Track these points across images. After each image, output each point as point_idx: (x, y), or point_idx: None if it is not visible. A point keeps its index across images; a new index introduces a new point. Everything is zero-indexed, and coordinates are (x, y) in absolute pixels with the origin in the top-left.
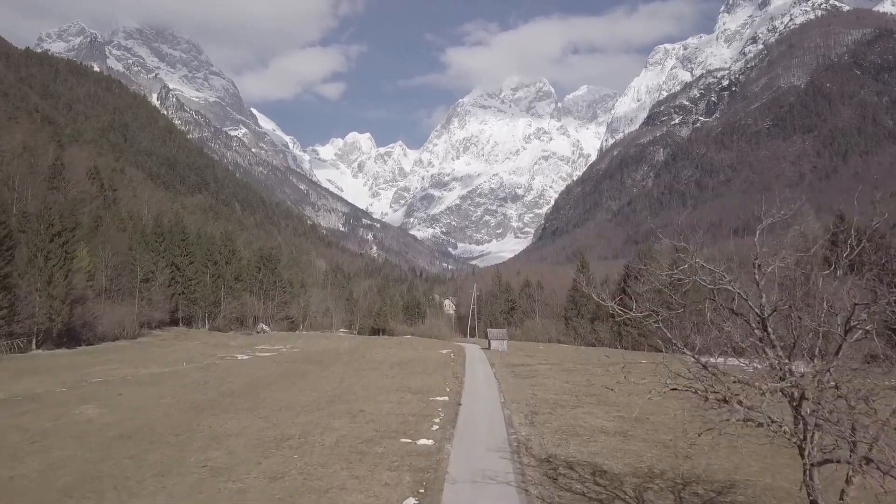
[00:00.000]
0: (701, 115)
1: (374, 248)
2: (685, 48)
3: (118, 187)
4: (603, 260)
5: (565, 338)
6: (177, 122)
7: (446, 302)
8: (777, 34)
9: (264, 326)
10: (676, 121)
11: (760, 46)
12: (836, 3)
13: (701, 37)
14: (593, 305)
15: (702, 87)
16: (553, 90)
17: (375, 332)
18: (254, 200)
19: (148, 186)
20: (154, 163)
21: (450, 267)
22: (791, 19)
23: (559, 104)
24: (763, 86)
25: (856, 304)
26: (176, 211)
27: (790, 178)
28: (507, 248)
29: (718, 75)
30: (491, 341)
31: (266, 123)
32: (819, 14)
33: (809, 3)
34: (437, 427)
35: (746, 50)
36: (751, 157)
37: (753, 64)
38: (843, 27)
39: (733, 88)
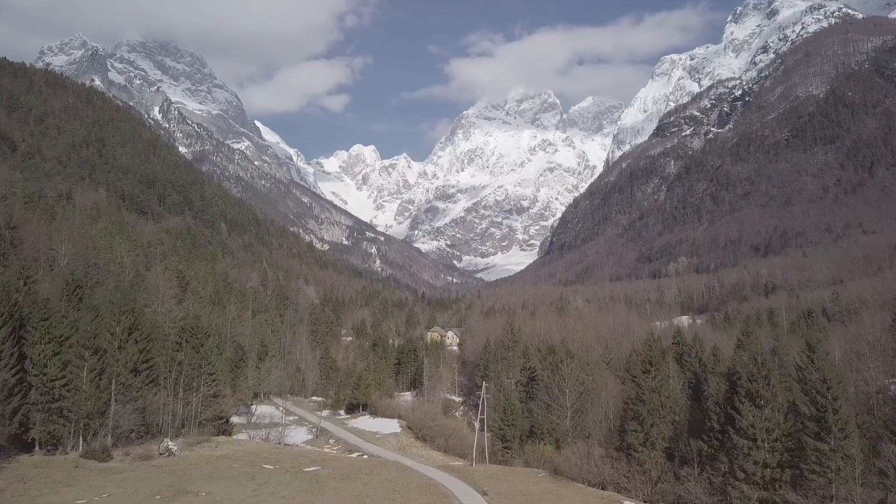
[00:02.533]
0: (713, 126)
1: (378, 261)
2: (692, 58)
3: (37, 220)
4: (617, 281)
5: (627, 481)
6: (178, 135)
7: (449, 334)
8: (789, 43)
9: (171, 445)
10: (687, 132)
11: (772, 55)
12: (850, 11)
13: (708, 47)
14: (669, 425)
15: (713, 97)
16: (558, 101)
17: (354, 408)
18: (244, 219)
19: (103, 213)
20: (129, 182)
21: (455, 280)
22: (803, 28)
23: (564, 115)
24: (779, 95)
25: None
26: (111, 250)
27: (813, 193)
28: (513, 260)
29: (730, 85)
30: None
31: (270, 136)
32: (832, 22)
33: (821, 11)
34: None
35: (758, 59)
36: (769, 170)
37: (767, 73)
38: (862, 34)
39: (747, 98)
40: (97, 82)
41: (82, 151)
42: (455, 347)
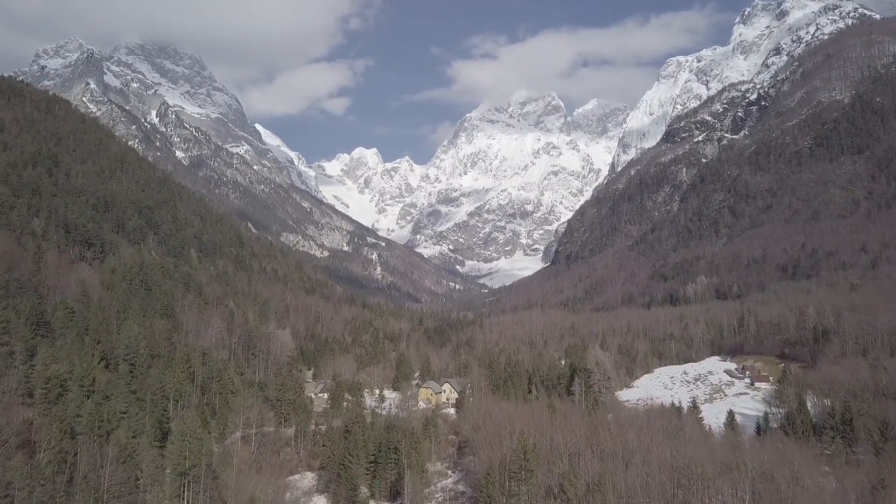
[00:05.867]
0: (727, 132)
1: (379, 268)
2: (699, 60)
3: None
4: (630, 303)
5: None
6: (176, 139)
7: (446, 387)
8: (803, 45)
9: None
10: (700, 138)
11: (786, 58)
12: (866, 11)
13: (715, 49)
14: None
15: (725, 101)
16: (562, 104)
17: None
18: (224, 239)
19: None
20: (79, 207)
21: (457, 287)
22: (818, 29)
23: (568, 118)
24: (799, 100)
25: None
26: None
27: (842, 206)
28: (517, 266)
29: (742, 88)
30: None
31: (271, 139)
32: (849, 23)
33: (837, 12)
34: None
35: (770, 61)
36: (792, 181)
37: (784, 76)
38: (886, 36)
39: (763, 103)
40: (92, 85)
41: (25, 172)
42: (451, 410)
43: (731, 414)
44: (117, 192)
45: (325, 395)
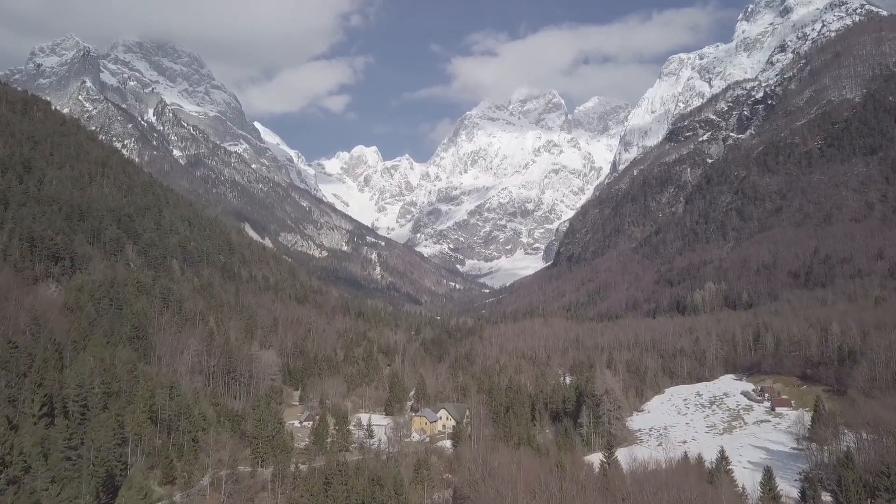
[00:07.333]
0: (732, 132)
1: (378, 268)
2: (701, 58)
3: None
4: (635, 309)
5: None
6: (173, 137)
7: (441, 414)
8: (809, 42)
9: None
10: (704, 137)
11: (791, 55)
12: (873, 7)
13: (718, 46)
14: None
15: (729, 99)
16: (563, 102)
17: None
18: (213, 246)
19: None
20: (50, 217)
21: (457, 286)
22: (824, 26)
23: (569, 116)
24: (808, 99)
25: None
26: None
27: (855, 210)
28: (518, 265)
29: (747, 87)
30: None
31: (270, 138)
32: (857, 20)
33: (843, 8)
34: None
35: (774, 59)
36: (802, 182)
37: (791, 74)
38: None
39: (769, 102)
40: (88, 84)
41: None
42: (447, 442)
43: (768, 472)
44: (95, 198)
45: (311, 424)
